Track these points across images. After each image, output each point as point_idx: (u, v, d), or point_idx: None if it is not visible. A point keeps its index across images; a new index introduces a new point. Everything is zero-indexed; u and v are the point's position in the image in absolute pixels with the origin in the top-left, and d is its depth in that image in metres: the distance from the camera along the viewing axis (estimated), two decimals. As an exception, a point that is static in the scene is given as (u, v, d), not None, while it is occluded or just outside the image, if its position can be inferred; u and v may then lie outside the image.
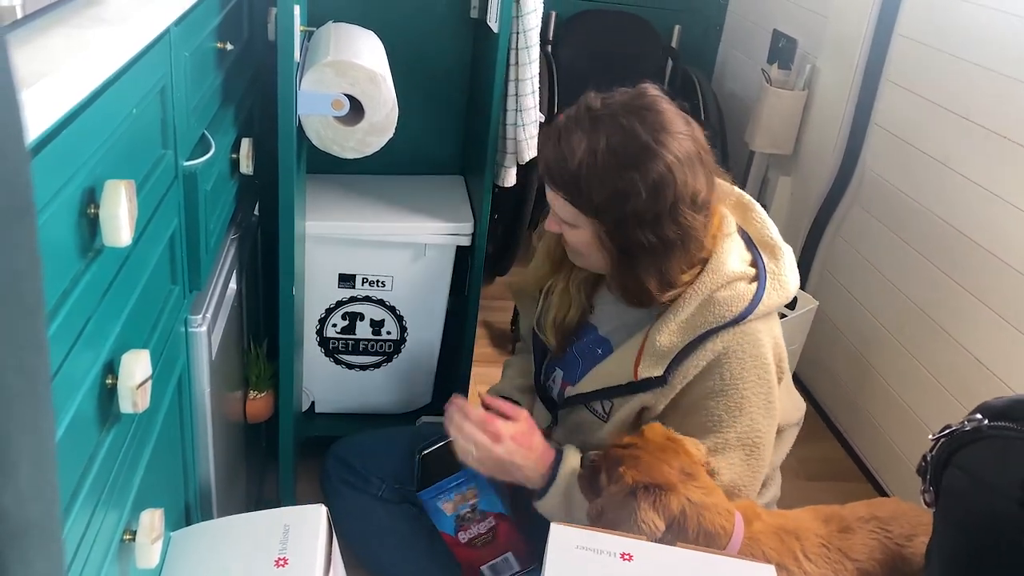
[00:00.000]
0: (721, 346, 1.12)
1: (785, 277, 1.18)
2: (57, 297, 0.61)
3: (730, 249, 1.16)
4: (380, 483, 1.42)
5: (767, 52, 2.57)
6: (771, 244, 1.22)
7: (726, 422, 1.15)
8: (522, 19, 1.49)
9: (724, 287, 1.14)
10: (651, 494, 1.04)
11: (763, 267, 1.17)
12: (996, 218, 1.72)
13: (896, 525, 1.12)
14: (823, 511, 1.15)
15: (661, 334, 1.14)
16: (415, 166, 1.86)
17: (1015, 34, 1.69)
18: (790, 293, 1.18)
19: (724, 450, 1.15)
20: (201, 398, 1.08)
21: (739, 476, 1.17)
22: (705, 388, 1.14)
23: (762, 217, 1.24)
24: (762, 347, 1.14)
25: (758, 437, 1.16)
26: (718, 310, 1.12)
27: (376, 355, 1.77)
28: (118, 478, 0.75)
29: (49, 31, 0.64)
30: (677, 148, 1.08)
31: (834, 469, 2.13)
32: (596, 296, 1.30)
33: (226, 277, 1.20)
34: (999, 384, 1.68)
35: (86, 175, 0.64)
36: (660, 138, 1.07)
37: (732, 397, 1.14)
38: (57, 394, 0.60)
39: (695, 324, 1.13)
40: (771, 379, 1.16)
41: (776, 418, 1.19)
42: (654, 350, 1.14)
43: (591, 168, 1.08)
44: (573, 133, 1.10)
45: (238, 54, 1.31)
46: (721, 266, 1.14)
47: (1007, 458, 0.69)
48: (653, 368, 1.14)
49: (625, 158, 1.07)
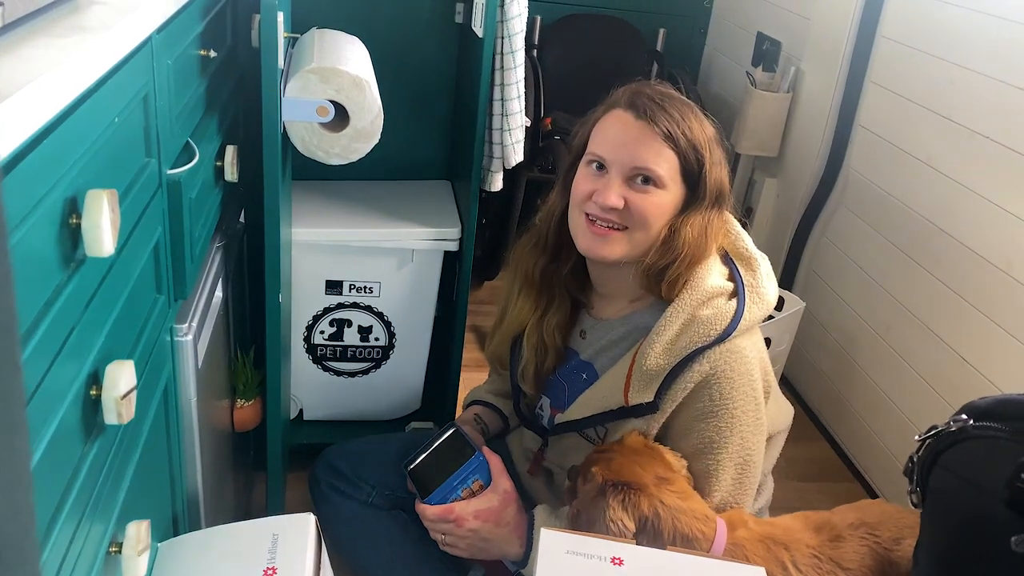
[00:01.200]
0: (708, 367, 1.12)
1: (764, 289, 1.18)
2: (39, 308, 0.60)
3: (709, 264, 1.17)
4: (370, 489, 1.41)
5: (751, 55, 2.59)
6: (746, 256, 1.22)
7: (717, 443, 1.15)
8: (507, 24, 1.49)
9: (705, 304, 1.14)
10: (619, 492, 1.04)
11: (740, 281, 1.17)
12: (979, 217, 1.73)
13: (884, 529, 1.12)
14: (813, 519, 1.15)
15: (648, 357, 1.13)
16: (401, 171, 1.86)
17: (997, 35, 1.71)
18: (770, 304, 1.18)
19: (717, 471, 1.16)
20: (188, 407, 1.07)
21: (731, 495, 1.17)
22: (695, 410, 1.15)
23: (736, 229, 1.24)
24: (749, 364, 1.14)
25: (749, 455, 1.17)
26: (702, 329, 1.12)
27: (364, 361, 1.76)
28: (103, 490, 0.74)
29: (30, 40, 0.64)
30: None
31: (823, 469, 2.14)
32: (576, 325, 1.30)
33: (212, 285, 1.19)
34: (984, 382, 1.69)
35: (68, 185, 0.63)
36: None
37: (723, 418, 1.14)
38: (40, 406, 0.60)
39: (680, 345, 1.13)
40: (759, 395, 1.16)
41: (765, 432, 1.19)
42: (642, 373, 1.14)
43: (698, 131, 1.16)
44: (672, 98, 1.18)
45: (222, 61, 1.31)
46: (701, 282, 1.15)
47: (993, 458, 0.69)
48: (643, 393, 1.14)
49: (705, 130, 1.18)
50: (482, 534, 1.22)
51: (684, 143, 1.15)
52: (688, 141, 1.15)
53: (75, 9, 0.75)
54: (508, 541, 1.22)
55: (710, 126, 1.19)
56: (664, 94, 1.18)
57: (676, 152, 1.14)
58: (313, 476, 1.47)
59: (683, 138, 1.14)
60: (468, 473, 1.28)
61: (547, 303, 1.29)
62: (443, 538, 1.25)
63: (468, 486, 1.27)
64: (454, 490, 1.27)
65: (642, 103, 1.15)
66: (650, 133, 1.13)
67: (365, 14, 1.71)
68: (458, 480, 1.27)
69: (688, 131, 1.15)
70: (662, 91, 1.19)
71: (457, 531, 1.23)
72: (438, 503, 1.26)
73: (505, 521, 1.23)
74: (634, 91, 1.18)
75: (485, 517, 1.22)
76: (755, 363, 1.15)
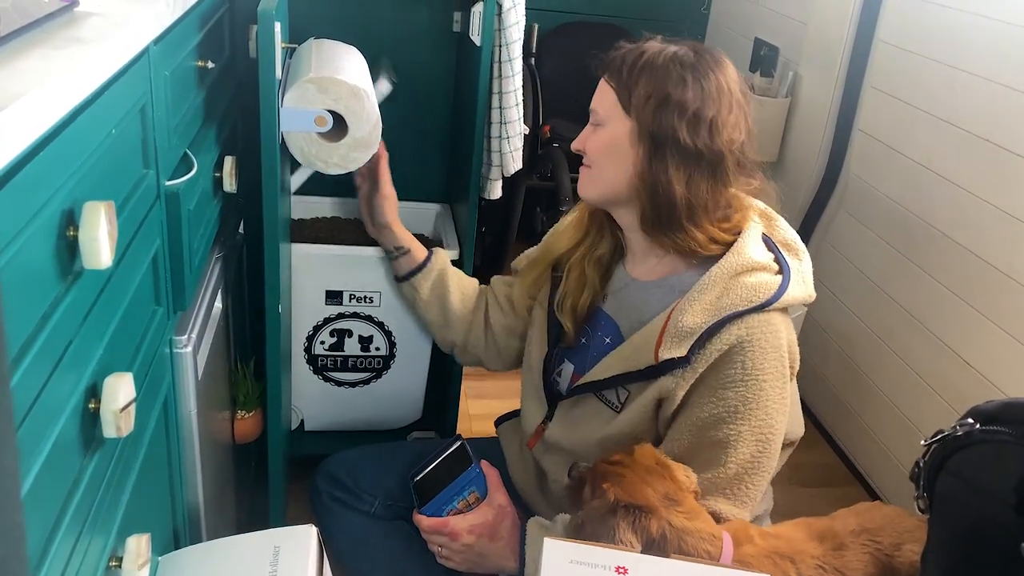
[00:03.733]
0: (745, 331, 1.12)
1: (808, 275, 1.21)
2: (36, 321, 0.60)
3: (754, 238, 1.18)
4: (372, 499, 1.40)
5: (749, 60, 2.59)
6: (794, 247, 1.24)
7: (741, 413, 1.13)
8: (504, 32, 1.49)
9: (749, 272, 1.14)
10: (631, 514, 1.04)
11: (786, 264, 1.18)
12: (980, 220, 1.73)
13: (885, 535, 1.12)
14: (816, 527, 1.14)
15: (686, 315, 1.13)
16: (399, 179, 1.86)
17: (995, 38, 1.71)
18: (811, 292, 1.20)
19: (736, 442, 1.14)
20: (188, 420, 1.07)
21: (746, 471, 1.15)
22: (724, 376, 1.13)
23: (784, 225, 1.26)
24: (780, 339, 1.14)
25: (771, 432, 1.15)
26: (745, 293, 1.12)
27: (365, 371, 1.76)
28: (103, 503, 0.74)
29: (26, 52, 0.63)
30: (735, 89, 1.16)
31: (827, 475, 2.13)
32: (610, 282, 1.30)
33: (211, 296, 1.19)
34: (988, 386, 1.69)
35: (65, 197, 0.63)
36: (723, 70, 1.16)
37: (750, 387, 1.12)
38: (38, 420, 0.59)
39: (720, 306, 1.12)
40: (787, 373, 1.16)
41: (787, 415, 1.18)
42: (678, 330, 1.13)
43: (649, 63, 1.15)
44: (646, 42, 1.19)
45: (219, 72, 1.31)
46: (745, 251, 1.15)
47: (1000, 462, 0.69)
48: (676, 348, 1.12)
49: (684, 64, 1.14)
50: (476, 549, 1.22)
51: (624, 76, 1.16)
52: (631, 76, 1.15)
53: (72, 20, 0.75)
54: (503, 556, 1.22)
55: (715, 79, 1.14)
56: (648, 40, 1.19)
57: (614, 87, 1.17)
58: (314, 487, 1.46)
59: (625, 72, 1.16)
60: (464, 485, 1.28)
61: (593, 239, 1.30)
62: (439, 550, 1.25)
63: (464, 497, 1.27)
64: (450, 501, 1.27)
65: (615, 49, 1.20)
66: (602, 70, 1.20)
67: (362, 24, 1.71)
68: (454, 492, 1.27)
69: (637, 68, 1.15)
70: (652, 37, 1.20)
71: (452, 545, 1.23)
72: (433, 514, 1.27)
73: (500, 536, 1.22)
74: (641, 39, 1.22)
75: (479, 532, 1.22)
76: (785, 341, 1.15)
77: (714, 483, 1.15)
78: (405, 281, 1.52)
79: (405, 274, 1.52)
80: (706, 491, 1.15)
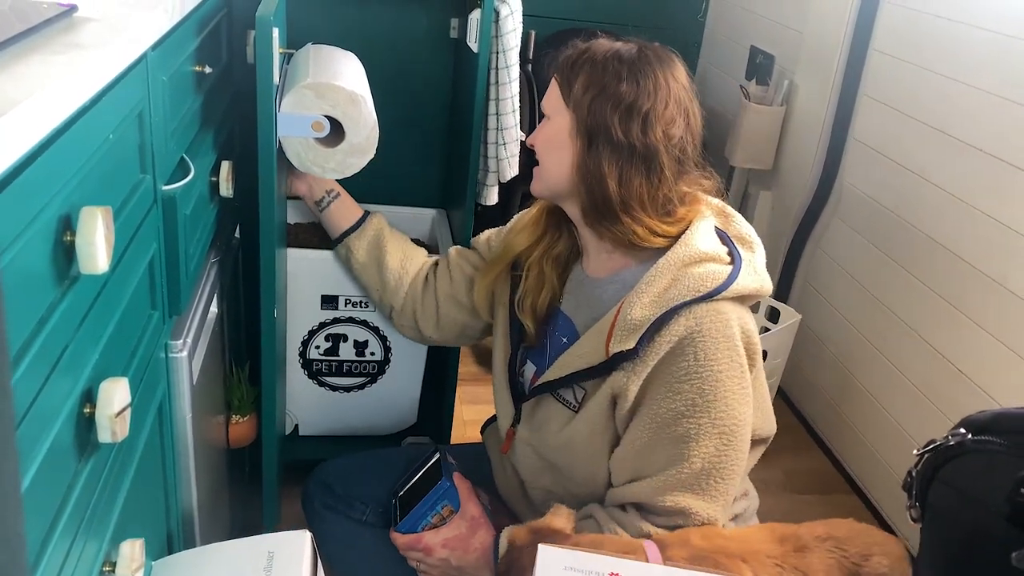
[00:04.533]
0: (693, 322, 1.11)
1: (760, 266, 1.19)
2: (32, 326, 0.60)
3: (703, 231, 1.17)
4: (363, 507, 1.40)
5: (745, 68, 2.60)
6: (748, 240, 1.23)
7: (699, 406, 1.11)
8: (502, 39, 1.50)
9: (697, 263, 1.14)
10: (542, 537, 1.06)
11: (738, 255, 1.18)
12: (973, 229, 1.74)
13: (852, 545, 1.10)
14: (779, 530, 1.13)
15: (635, 307, 1.12)
16: (396, 185, 1.86)
17: (989, 48, 1.72)
18: (763, 281, 1.18)
19: (698, 436, 1.11)
20: (182, 424, 1.06)
21: (713, 464, 1.12)
22: (678, 369, 1.11)
23: (740, 221, 1.26)
24: (730, 327, 1.12)
25: (735, 424, 1.13)
26: (692, 283, 1.12)
27: (360, 376, 1.76)
28: (97, 509, 0.74)
29: (24, 58, 0.64)
30: (673, 84, 1.16)
31: (820, 482, 2.14)
32: (567, 282, 1.30)
33: (207, 301, 1.19)
34: (980, 394, 1.69)
35: (62, 202, 0.63)
36: (664, 68, 1.17)
37: (706, 379, 1.10)
38: (33, 425, 0.59)
39: (668, 297, 1.12)
40: (743, 362, 1.13)
41: (751, 405, 1.16)
42: (626, 323, 1.12)
43: (592, 58, 1.17)
44: (594, 39, 1.21)
45: (217, 77, 1.31)
46: (693, 242, 1.15)
47: (992, 472, 0.69)
48: (625, 341, 1.12)
49: (624, 63, 1.15)
50: (452, 562, 1.24)
51: (567, 71, 1.18)
52: (572, 70, 1.18)
53: (71, 26, 0.75)
54: (478, 567, 1.23)
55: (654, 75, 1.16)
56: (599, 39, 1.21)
57: (558, 81, 1.19)
58: (306, 494, 1.46)
59: (568, 67, 1.18)
60: (436, 500, 1.28)
61: (550, 238, 1.30)
62: (418, 565, 1.28)
63: (438, 512, 1.29)
64: (423, 516, 1.29)
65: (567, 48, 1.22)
66: (554, 74, 1.22)
67: (360, 29, 1.71)
68: (427, 507, 1.29)
69: (579, 64, 1.17)
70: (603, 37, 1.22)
71: (428, 560, 1.26)
72: (408, 530, 1.29)
73: (473, 548, 1.24)
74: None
75: (453, 546, 1.24)
76: (736, 329, 1.12)
77: (678, 479, 1.12)
78: (339, 242, 1.52)
79: (339, 234, 1.51)
80: (671, 487, 1.13)
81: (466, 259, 1.47)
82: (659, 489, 1.13)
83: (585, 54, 1.18)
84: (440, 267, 1.48)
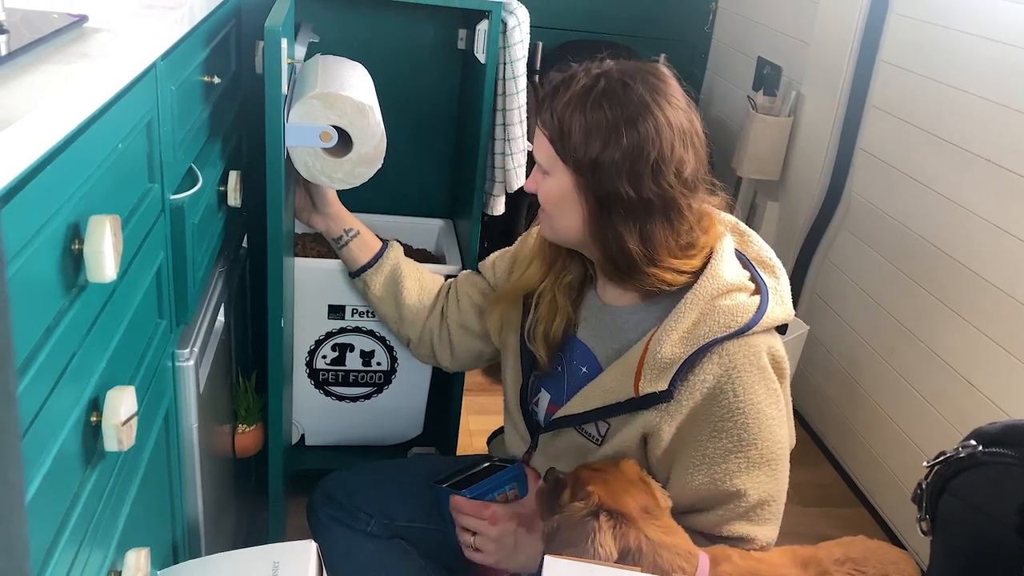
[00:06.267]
0: (727, 359, 1.09)
1: (786, 294, 1.17)
2: (40, 334, 0.60)
3: (726, 259, 1.14)
4: (368, 518, 1.39)
5: (752, 79, 2.60)
6: (769, 264, 1.20)
7: (746, 440, 1.11)
8: (509, 50, 1.50)
9: (724, 296, 1.11)
10: (612, 519, 1.03)
11: (763, 283, 1.15)
12: (981, 239, 1.73)
13: (869, 565, 1.11)
14: (800, 554, 1.13)
15: (663, 345, 1.09)
16: (404, 195, 1.87)
17: (995, 59, 1.72)
18: (790, 312, 1.16)
19: (749, 469, 1.12)
20: (189, 433, 1.06)
21: (767, 491, 1.14)
22: (720, 409, 1.10)
23: (759, 242, 1.23)
24: (762, 358, 1.11)
25: (780, 449, 1.14)
26: (722, 319, 1.09)
27: (366, 386, 1.75)
28: (103, 517, 0.74)
29: (35, 67, 0.64)
30: (672, 115, 1.08)
31: (829, 494, 2.12)
32: (582, 308, 1.27)
33: (214, 310, 1.19)
34: (990, 406, 1.68)
35: (71, 210, 0.63)
36: (657, 100, 1.08)
37: (748, 414, 1.10)
38: (40, 433, 0.59)
39: (698, 334, 1.09)
40: (776, 387, 1.13)
41: (788, 426, 1.17)
42: (656, 362, 1.10)
43: (579, 112, 1.08)
44: (573, 80, 1.11)
45: (225, 87, 1.31)
46: (718, 274, 1.12)
47: (1003, 485, 0.68)
48: (656, 382, 1.10)
49: (615, 109, 1.06)
50: (514, 538, 1.19)
51: (556, 126, 1.10)
52: (561, 127, 1.09)
53: (81, 36, 0.76)
54: (535, 552, 1.17)
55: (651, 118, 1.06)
56: (574, 74, 1.12)
57: (547, 136, 1.12)
58: (311, 506, 1.45)
59: (556, 122, 1.10)
60: (506, 480, 1.26)
61: (561, 266, 1.26)
62: (471, 539, 1.21)
63: (504, 492, 1.26)
64: (489, 493, 1.25)
65: (546, 87, 1.15)
66: (539, 116, 1.14)
67: (368, 40, 1.72)
68: (496, 484, 1.26)
69: (566, 120, 1.08)
70: (586, 66, 1.13)
71: (489, 531, 1.19)
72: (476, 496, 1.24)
73: (536, 528, 1.18)
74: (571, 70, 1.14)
75: (519, 521, 1.19)
76: (767, 359, 1.12)
77: (736, 513, 1.14)
78: (356, 276, 1.49)
79: (356, 269, 1.48)
80: (730, 520, 1.14)
81: (474, 285, 1.45)
82: (717, 523, 1.15)
83: (569, 106, 1.08)
84: (450, 295, 1.47)
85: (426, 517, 1.39)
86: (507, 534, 1.19)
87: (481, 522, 1.20)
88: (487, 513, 1.20)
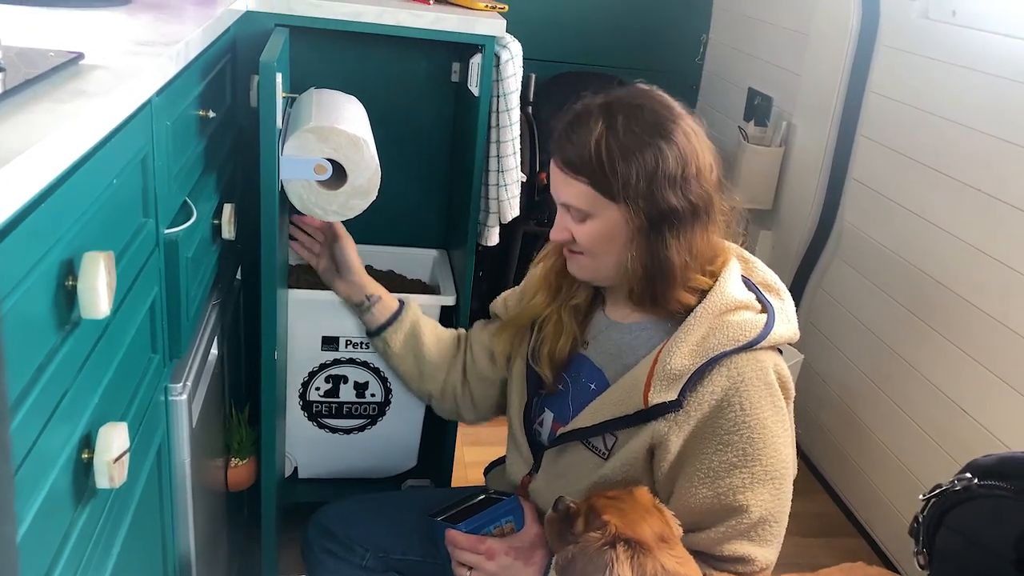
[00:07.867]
0: (735, 372, 1.11)
1: (791, 314, 1.20)
2: (32, 372, 0.60)
3: (733, 279, 1.17)
4: (363, 552, 1.38)
5: (743, 110, 2.63)
6: (774, 287, 1.24)
7: (751, 455, 1.12)
8: (502, 83, 1.52)
9: (732, 312, 1.14)
10: (631, 549, 1.02)
11: (769, 303, 1.18)
12: (973, 268, 1.74)
13: None
14: None
15: (674, 356, 1.11)
16: (397, 226, 1.87)
17: (985, 90, 1.74)
18: (796, 330, 1.19)
19: (753, 485, 1.13)
20: (181, 468, 1.06)
21: (769, 510, 1.14)
22: (726, 421, 1.12)
23: (763, 268, 1.27)
24: (769, 374, 1.13)
25: (784, 468, 1.15)
26: (731, 332, 1.12)
27: (360, 418, 1.74)
28: (93, 555, 0.73)
29: (31, 105, 0.64)
30: (688, 123, 1.14)
31: (826, 525, 2.11)
32: (588, 328, 1.28)
33: (207, 343, 1.18)
34: (984, 433, 1.68)
35: (64, 247, 0.63)
36: (672, 114, 1.13)
37: (754, 428, 1.11)
38: (31, 471, 0.59)
39: (707, 347, 1.12)
40: (783, 404, 1.15)
41: (793, 445, 1.17)
42: (666, 373, 1.11)
43: (614, 144, 1.11)
44: (586, 120, 1.13)
45: (220, 120, 1.32)
46: (726, 291, 1.15)
47: (999, 518, 0.68)
48: (666, 392, 1.11)
49: (645, 129, 1.11)
50: (511, 571, 1.18)
51: (595, 167, 1.11)
52: (600, 165, 1.10)
53: (77, 73, 0.77)
54: None
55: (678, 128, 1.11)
56: (580, 115, 1.14)
57: (586, 181, 1.13)
58: (306, 540, 1.44)
59: (593, 163, 1.11)
60: (502, 513, 1.25)
61: (567, 292, 1.28)
62: (467, 574, 1.21)
63: (500, 525, 1.25)
64: (485, 526, 1.24)
65: (556, 136, 1.16)
66: (560, 166, 1.15)
67: (362, 73, 1.74)
68: (492, 517, 1.25)
69: (603, 155, 1.10)
70: (582, 107, 1.15)
71: (486, 565, 1.19)
72: (472, 530, 1.23)
73: (533, 562, 1.19)
74: (569, 116, 1.16)
75: (515, 555, 1.19)
76: (774, 377, 1.14)
77: (737, 530, 1.14)
78: (376, 336, 1.50)
79: (376, 328, 1.50)
80: (730, 538, 1.14)
81: (484, 330, 1.47)
82: (718, 541, 1.14)
83: (601, 142, 1.10)
84: (466, 350, 1.48)
85: (421, 551, 1.38)
86: (504, 568, 1.19)
87: (478, 556, 1.20)
88: (483, 547, 1.20)
